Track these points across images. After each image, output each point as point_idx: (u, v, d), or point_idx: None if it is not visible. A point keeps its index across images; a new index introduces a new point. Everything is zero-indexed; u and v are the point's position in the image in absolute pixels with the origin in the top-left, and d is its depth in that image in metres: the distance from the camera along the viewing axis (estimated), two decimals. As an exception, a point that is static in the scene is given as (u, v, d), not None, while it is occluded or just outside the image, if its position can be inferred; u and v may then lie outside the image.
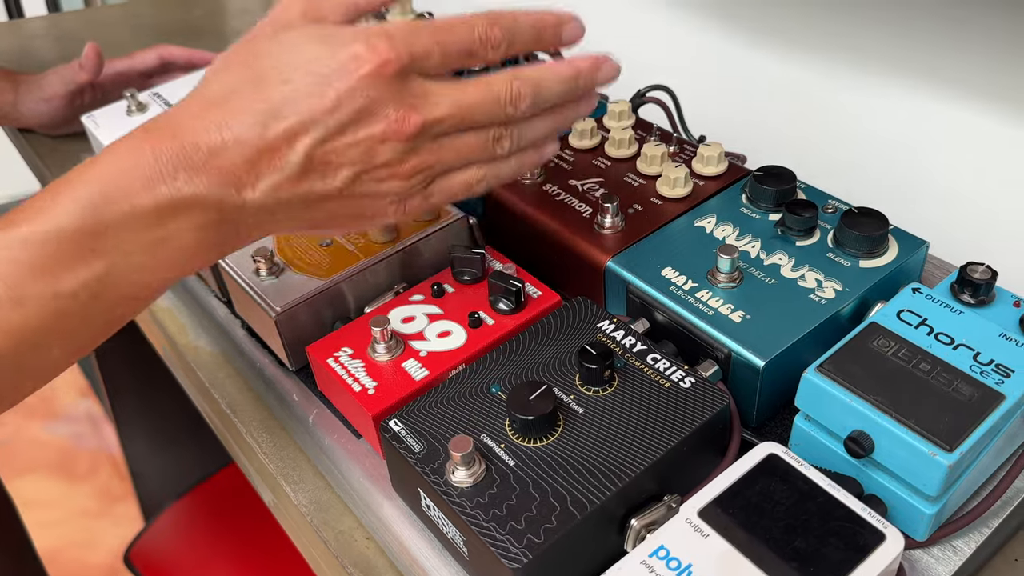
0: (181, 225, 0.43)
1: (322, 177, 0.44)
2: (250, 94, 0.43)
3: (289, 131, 0.43)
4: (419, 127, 0.44)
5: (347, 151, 0.44)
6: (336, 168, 0.44)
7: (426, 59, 0.44)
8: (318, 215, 0.46)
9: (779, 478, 0.44)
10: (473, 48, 0.46)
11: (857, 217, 0.55)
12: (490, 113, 0.47)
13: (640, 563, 0.41)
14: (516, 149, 0.49)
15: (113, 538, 1.71)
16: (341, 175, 0.44)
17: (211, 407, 0.66)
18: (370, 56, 0.43)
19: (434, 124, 0.45)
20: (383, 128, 0.44)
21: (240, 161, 0.43)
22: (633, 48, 1.00)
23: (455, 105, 0.45)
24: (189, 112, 0.44)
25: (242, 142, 0.42)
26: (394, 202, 0.47)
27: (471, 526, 0.43)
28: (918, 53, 0.74)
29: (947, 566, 0.46)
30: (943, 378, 0.45)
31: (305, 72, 0.43)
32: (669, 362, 0.50)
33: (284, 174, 0.43)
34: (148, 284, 0.44)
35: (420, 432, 0.48)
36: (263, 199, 0.44)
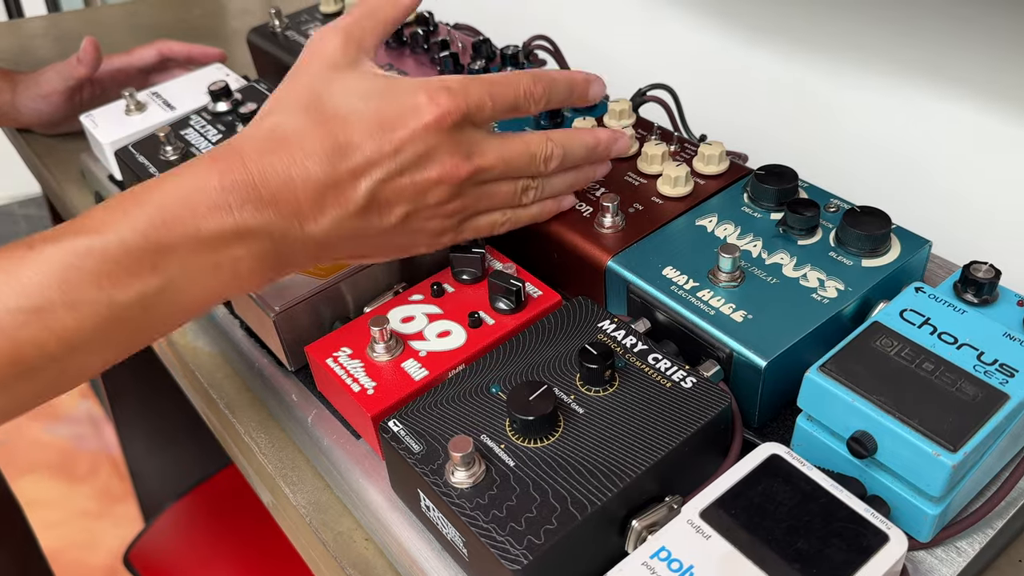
0: (241, 252, 0.45)
1: (380, 214, 0.48)
2: (317, 134, 0.46)
3: (355, 170, 0.47)
4: (470, 173, 0.50)
5: (405, 191, 0.48)
6: (393, 206, 0.49)
7: (479, 112, 0.49)
8: (367, 247, 0.51)
9: (781, 479, 0.44)
10: (519, 103, 0.52)
11: (859, 216, 0.55)
12: (525, 167, 0.53)
13: (641, 564, 0.41)
14: (539, 199, 0.56)
15: (113, 539, 1.71)
16: (396, 212, 0.49)
17: (210, 408, 0.65)
18: (431, 108, 0.47)
19: (481, 172, 0.50)
20: (439, 172, 0.49)
21: (306, 197, 0.46)
22: (634, 47, 1.00)
23: (500, 157, 0.51)
24: (256, 145, 0.46)
25: (310, 179, 0.46)
26: (431, 237, 0.52)
27: (471, 527, 0.42)
28: (921, 52, 0.73)
29: (951, 567, 0.45)
30: (947, 378, 0.45)
31: (370, 118, 0.47)
32: (670, 362, 0.50)
33: (347, 210, 0.47)
34: (200, 302, 0.47)
35: (419, 432, 0.47)
36: (324, 233, 0.47)
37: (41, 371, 0.43)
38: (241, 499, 1.48)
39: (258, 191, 0.45)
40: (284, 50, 0.87)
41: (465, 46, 0.82)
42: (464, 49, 0.81)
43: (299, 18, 0.92)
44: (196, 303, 0.46)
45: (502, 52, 0.77)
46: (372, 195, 0.47)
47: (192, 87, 0.83)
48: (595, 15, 1.03)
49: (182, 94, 0.82)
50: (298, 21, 0.91)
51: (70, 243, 0.43)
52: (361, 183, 0.47)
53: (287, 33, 0.89)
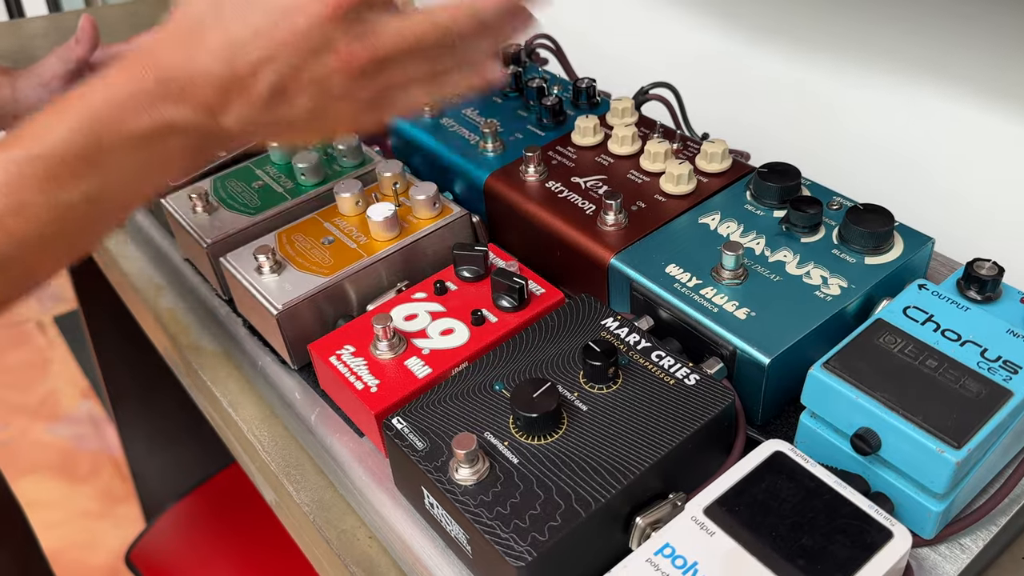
0: (169, 145, 0.48)
1: (285, 105, 0.49)
2: (218, 30, 0.48)
3: (253, 65, 0.48)
4: (368, 59, 0.49)
5: (305, 83, 0.49)
6: (297, 96, 0.49)
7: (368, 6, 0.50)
8: (287, 133, 0.52)
9: (785, 476, 0.44)
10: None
11: (862, 213, 0.55)
12: (435, 43, 0.51)
13: (645, 561, 0.41)
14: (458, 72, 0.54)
15: (114, 539, 1.71)
16: (302, 103, 0.49)
17: (213, 406, 0.65)
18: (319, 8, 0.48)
19: (384, 55, 0.50)
20: (336, 62, 0.49)
21: (212, 92, 0.48)
22: (637, 46, 1.00)
23: (401, 37, 0.50)
24: (163, 42, 0.49)
25: (212, 75, 0.48)
26: (350, 121, 0.52)
27: (475, 524, 0.42)
28: (923, 50, 0.73)
29: (954, 564, 0.45)
30: (950, 375, 0.45)
31: (265, 11, 0.48)
32: (674, 359, 0.50)
33: (251, 103, 0.48)
34: (139, 194, 0.50)
35: (423, 430, 0.47)
36: (238, 124, 0.49)
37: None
38: (242, 499, 1.48)
39: (169, 89, 0.47)
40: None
41: (467, 45, 0.82)
42: (466, 48, 0.81)
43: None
44: (138, 194, 0.50)
45: (504, 51, 0.77)
46: (274, 88, 0.48)
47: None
48: (597, 14, 1.03)
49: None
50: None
51: (11, 153, 0.46)
52: (261, 76, 0.48)
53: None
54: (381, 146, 0.76)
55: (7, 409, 2.05)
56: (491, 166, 0.66)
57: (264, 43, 0.48)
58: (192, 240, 0.64)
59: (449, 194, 0.68)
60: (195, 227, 0.64)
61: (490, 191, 0.65)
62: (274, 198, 0.66)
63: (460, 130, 0.70)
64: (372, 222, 0.60)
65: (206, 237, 0.63)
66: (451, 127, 0.71)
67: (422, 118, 0.72)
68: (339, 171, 0.69)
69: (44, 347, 2.23)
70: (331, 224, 0.63)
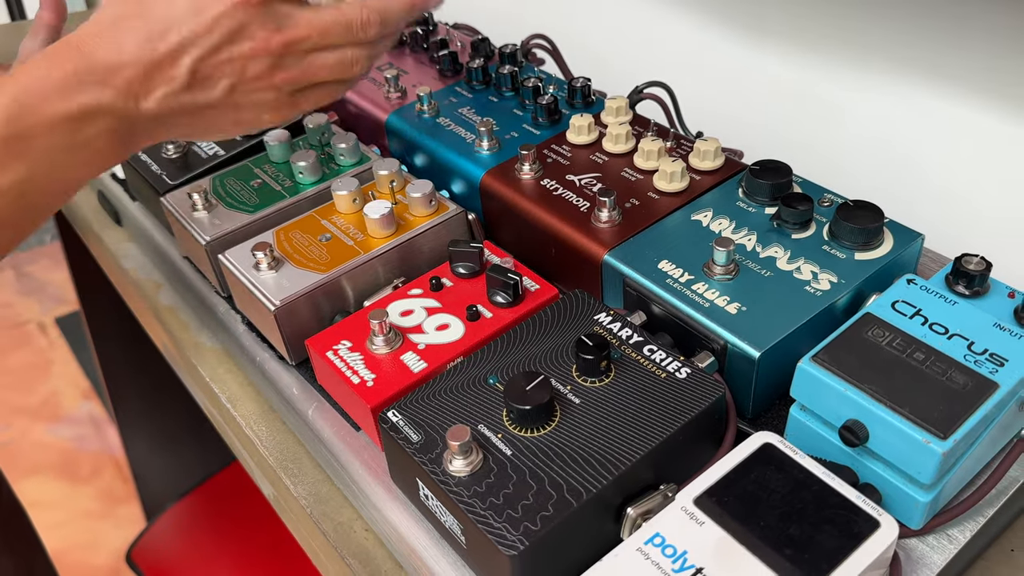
0: (93, 131, 0.49)
1: (204, 89, 0.52)
2: (141, 19, 0.51)
3: (173, 50, 0.50)
4: (282, 45, 0.52)
5: (223, 66, 0.51)
6: (216, 80, 0.52)
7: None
8: (204, 122, 0.54)
9: (774, 467, 0.44)
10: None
11: (853, 210, 0.55)
12: (343, 35, 0.55)
13: (636, 550, 0.42)
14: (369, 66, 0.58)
15: (116, 539, 1.71)
16: (220, 86, 0.52)
17: (211, 402, 0.66)
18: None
19: (295, 42, 0.53)
20: (251, 46, 0.51)
21: (134, 76, 0.50)
22: (631, 45, 1.01)
23: (312, 26, 0.53)
24: (88, 32, 0.51)
25: (135, 60, 0.50)
26: (268, 110, 0.54)
27: (468, 514, 0.43)
28: (917, 50, 0.74)
29: (942, 554, 0.46)
30: (937, 367, 0.45)
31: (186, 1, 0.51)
32: (665, 353, 0.50)
33: (172, 86, 0.51)
34: (67, 182, 0.51)
35: (418, 423, 0.48)
36: (157, 108, 0.51)
37: None
38: (242, 498, 1.48)
39: (93, 74, 0.49)
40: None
41: (464, 45, 0.83)
42: (463, 48, 0.82)
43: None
44: (66, 182, 0.51)
45: (501, 51, 0.78)
46: (193, 71, 0.51)
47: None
48: (592, 14, 1.04)
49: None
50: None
51: None
52: (181, 60, 0.50)
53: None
54: (378, 144, 0.77)
55: (8, 410, 2.05)
56: (487, 164, 0.67)
57: (184, 29, 0.50)
58: (191, 238, 0.65)
59: (445, 192, 0.69)
60: (194, 225, 0.65)
61: (486, 189, 0.65)
62: (272, 196, 0.67)
63: (456, 129, 0.71)
64: (369, 219, 0.61)
65: (205, 235, 0.64)
66: (447, 126, 0.72)
67: (420, 116, 0.73)
68: (336, 169, 0.70)
69: (45, 348, 2.24)
70: (328, 221, 0.63)
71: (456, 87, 0.77)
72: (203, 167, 0.72)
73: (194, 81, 0.51)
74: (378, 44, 0.57)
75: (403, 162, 0.72)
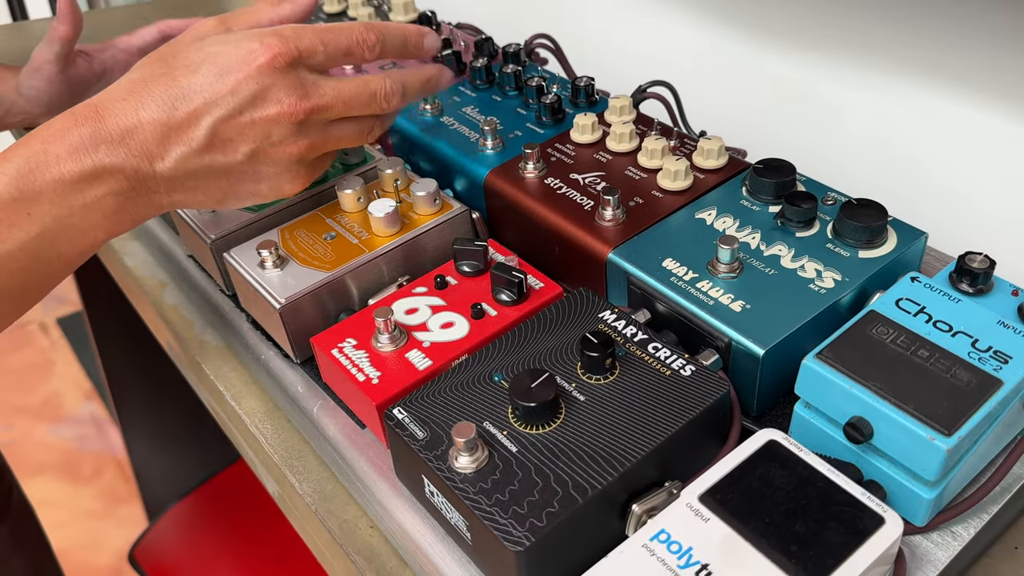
0: (102, 191, 0.50)
1: (223, 152, 0.52)
2: (163, 82, 0.51)
3: (194, 112, 0.50)
4: (307, 111, 0.53)
5: (245, 129, 0.52)
6: (236, 144, 0.52)
7: (312, 55, 0.53)
8: (221, 188, 0.54)
9: (779, 464, 0.44)
10: (352, 48, 0.55)
11: (856, 208, 0.55)
12: (366, 105, 0.56)
13: (641, 547, 0.42)
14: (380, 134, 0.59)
15: (118, 539, 1.72)
16: (241, 150, 0.52)
17: (216, 400, 0.66)
18: (264, 51, 0.51)
19: (320, 110, 0.53)
20: (277, 110, 0.52)
21: (152, 137, 0.50)
22: (634, 44, 1.01)
23: (338, 96, 0.54)
24: (111, 97, 0.51)
25: (154, 120, 0.50)
26: (286, 180, 0.55)
27: (474, 511, 0.43)
28: (919, 50, 0.74)
29: (946, 551, 0.46)
30: (941, 364, 0.45)
31: (210, 64, 0.51)
32: (670, 351, 0.50)
33: (190, 147, 0.51)
34: (79, 244, 0.51)
35: (423, 420, 0.48)
36: (172, 170, 0.51)
37: None
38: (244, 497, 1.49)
39: (109, 133, 0.49)
40: (288, 50, 0.88)
41: (467, 44, 0.83)
42: (466, 47, 0.82)
43: (303, 18, 0.93)
44: (77, 244, 0.51)
45: (504, 50, 0.78)
46: (213, 132, 0.51)
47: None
48: (595, 14, 1.04)
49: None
50: (302, 21, 0.92)
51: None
52: (201, 122, 0.51)
53: (291, 33, 0.90)
54: (382, 144, 0.77)
55: (10, 410, 2.06)
56: (491, 163, 0.67)
57: (207, 92, 0.51)
58: (196, 236, 0.65)
59: (449, 191, 0.69)
60: (199, 223, 0.65)
61: (490, 187, 0.66)
62: None
63: (460, 128, 0.71)
64: (373, 218, 0.61)
65: (210, 233, 0.64)
66: (451, 125, 0.72)
67: (423, 116, 0.73)
68: (341, 168, 0.70)
69: (47, 349, 2.24)
70: (333, 220, 0.63)
71: (459, 86, 0.77)
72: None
73: (213, 143, 0.51)
74: (392, 113, 0.59)
75: (406, 161, 0.72)
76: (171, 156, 0.51)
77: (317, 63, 0.54)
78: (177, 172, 0.51)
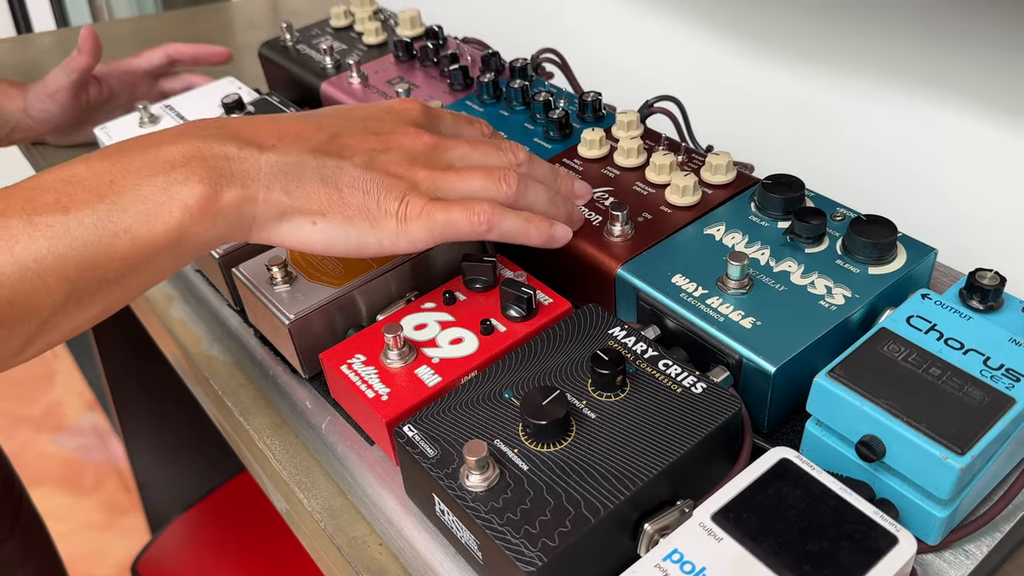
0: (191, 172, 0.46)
1: (339, 154, 0.50)
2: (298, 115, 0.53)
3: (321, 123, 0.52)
4: (430, 141, 0.53)
5: (367, 140, 0.52)
6: (354, 148, 0.51)
7: (440, 118, 0.57)
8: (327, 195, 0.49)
9: (791, 482, 0.44)
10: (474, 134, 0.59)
11: (866, 224, 0.55)
12: (491, 152, 0.56)
13: (654, 566, 0.42)
14: (521, 198, 0.54)
15: (119, 551, 1.71)
16: (358, 152, 0.51)
17: (224, 415, 0.66)
18: (398, 102, 0.56)
19: (443, 144, 0.54)
20: (401, 134, 0.53)
21: (270, 133, 0.50)
22: (641, 60, 1.01)
23: (461, 138, 0.56)
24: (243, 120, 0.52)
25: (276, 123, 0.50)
26: (397, 198, 0.50)
27: (486, 530, 0.43)
28: (924, 64, 0.74)
29: (959, 570, 0.46)
30: (953, 382, 0.45)
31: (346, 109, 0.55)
32: (680, 368, 0.50)
33: (307, 143, 0.50)
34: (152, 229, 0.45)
35: (434, 437, 0.48)
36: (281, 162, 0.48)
37: None
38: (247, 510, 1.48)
39: (231, 132, 0.49)
40: (295, 63, 0.88)
41: (474, 59, 0.83)
42: (473, 62, 0.82)
43: (310, 32, 0.93)
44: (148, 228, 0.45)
45: (511, 65, 0.78)
46: (333, 136, 0.51)
47: (205, 100, 0.84)
48: (602, 29, 1.04)
49: (195, 107, 0.83)
50: (309, 35, 0.93)
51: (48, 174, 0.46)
52: (325, 129, 0.51)
53: (298, 47, 0.91)
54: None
55: (11, 420, 2.05)
56: (499, 178, 0.67)
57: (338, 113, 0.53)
58: None
59: (457, 206, 0.69)
60: None
61: (498, 203, 0.66)
62: None
63: (468, 143, 0.71)
64: (382, 233, 0.61)
65: (218, 248, 0.64)
66: (459, 140, 0.72)
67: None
68: None
69: (49, 359, 2.24)
70: (341, 235, 0.63)
71: (467, 101, 0.77)
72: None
73: (331, 145, 0.50)
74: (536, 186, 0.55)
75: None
76: (284, 148, 0.49)
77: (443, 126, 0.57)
78: (285, 165, 0.48)
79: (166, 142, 0.47)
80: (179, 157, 0.46)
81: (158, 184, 0.46)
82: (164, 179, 0.46)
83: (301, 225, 0.50)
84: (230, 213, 0.47)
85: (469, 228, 0.51)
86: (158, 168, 0.46)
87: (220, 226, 0.48)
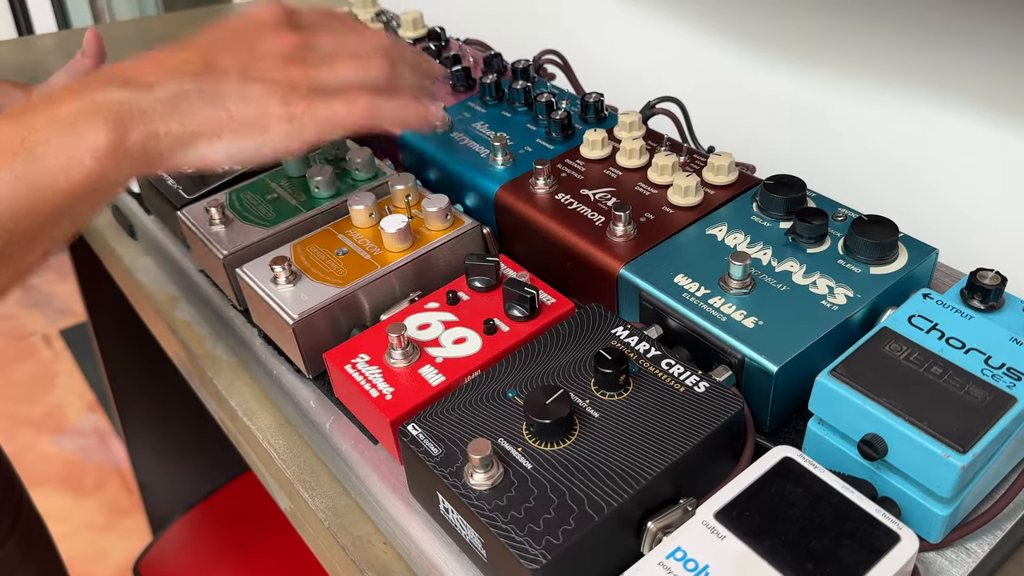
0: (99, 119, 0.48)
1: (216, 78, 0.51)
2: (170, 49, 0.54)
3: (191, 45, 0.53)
4: (296, 41, 0.54)
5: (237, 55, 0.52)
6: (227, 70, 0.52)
7: (300, 15, 0.56)
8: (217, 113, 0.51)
9: (793, 481, 0.45)
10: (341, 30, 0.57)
11: (867, 224, 0.56)
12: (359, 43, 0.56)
13: (658, 564, 0.42)
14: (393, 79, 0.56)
15: (120, 552, 1.71)
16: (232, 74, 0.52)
17: (228, 415, 0.66)
18: (256, 8, 0.55)
19: (310, 40, 0.54)
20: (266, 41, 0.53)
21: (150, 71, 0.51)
22: (643, 61, 1.01)
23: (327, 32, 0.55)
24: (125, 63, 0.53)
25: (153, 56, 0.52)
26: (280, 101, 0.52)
27: (490, 528, 0.43)
28: (925, 64, 0.75)
29: (961, 568, 0.46)
30: (955, 381, 0.46)
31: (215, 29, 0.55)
32: (683, 367, 0.51)
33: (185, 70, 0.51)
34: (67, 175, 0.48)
35: (438, 436, 0.48)
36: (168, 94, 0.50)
37: None
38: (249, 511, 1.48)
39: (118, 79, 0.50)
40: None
41: (476, 60, 0.83)
42: (475, 63, 0.83)
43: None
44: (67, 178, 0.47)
45: (513, 66, 0.79)
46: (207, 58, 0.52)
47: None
48: (604, 30, 1.04)
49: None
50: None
51: None
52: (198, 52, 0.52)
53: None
54: (393, 160, 0.77)
55: (13, 422, 2.05)
56: (501, 179, 0.67)
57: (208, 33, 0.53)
58: (208, 251, 0.65)
59: (460, 206, 0.69)
60: (211, 239, 0.65)
61: (500, 203, 0.66)
62: (288, 211, 0.67)
63: (471, 144, 0.72)
64: (385, 234, 0.61)
65: (222, 249, 0.64)
66: (462, 141, 0.72)
67: (433, 132, 0.74)
68: (352, 184, 0.70)
69: (50, 360, 2.24)
70: (345, 236, 0.64)
71: (469, 102, 0.78)
72: (219, 181, 0.72)
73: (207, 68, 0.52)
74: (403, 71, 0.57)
75: (418, 177, 0.72)
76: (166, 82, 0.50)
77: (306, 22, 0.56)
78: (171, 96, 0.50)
79: (64, 100, 0.49)
80: (78, 110, 0.48)
81: (66, 137, 0.48)
82: (70, 132, 0.48)
83: (201, 149, 0.52)
84: (136, 152, 0.50)
85: (351, 120, 0.54)
86: (62, 124, 0.48)
87: (131, 166, 0.51)
